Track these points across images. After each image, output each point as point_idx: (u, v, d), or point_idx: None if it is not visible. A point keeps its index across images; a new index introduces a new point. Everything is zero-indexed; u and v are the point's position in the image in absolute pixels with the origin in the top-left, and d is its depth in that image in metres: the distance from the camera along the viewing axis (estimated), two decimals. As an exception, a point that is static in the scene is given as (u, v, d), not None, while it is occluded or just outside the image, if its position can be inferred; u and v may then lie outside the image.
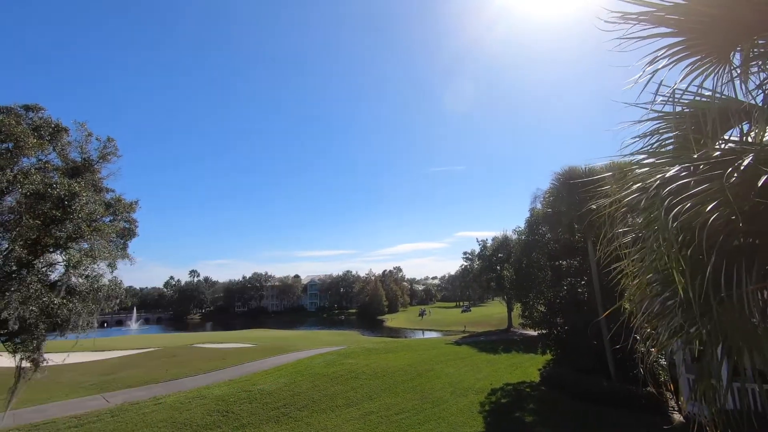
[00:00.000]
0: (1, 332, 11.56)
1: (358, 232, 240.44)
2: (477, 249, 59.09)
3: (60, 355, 14.38)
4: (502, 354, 31.02)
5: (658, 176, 2.77)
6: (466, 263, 71.97)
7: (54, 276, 12.25)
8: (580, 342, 19.86)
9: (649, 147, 3.38)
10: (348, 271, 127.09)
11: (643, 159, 3.34)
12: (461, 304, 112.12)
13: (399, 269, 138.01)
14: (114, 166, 13.78)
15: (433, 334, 57.80)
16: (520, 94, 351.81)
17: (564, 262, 22.91)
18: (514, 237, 46.26)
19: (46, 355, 12.76)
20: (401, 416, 16.29)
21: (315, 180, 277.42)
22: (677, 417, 15.00)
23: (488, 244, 54.39)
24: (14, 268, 10.86)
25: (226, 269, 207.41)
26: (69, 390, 20.92)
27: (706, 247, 2.20)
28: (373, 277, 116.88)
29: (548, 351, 22.95)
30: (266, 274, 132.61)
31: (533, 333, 33.04)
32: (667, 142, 3.37)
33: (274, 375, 22.26)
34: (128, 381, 22.21)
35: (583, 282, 21.56)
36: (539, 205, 23.24)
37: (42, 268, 11.84)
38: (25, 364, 12.41)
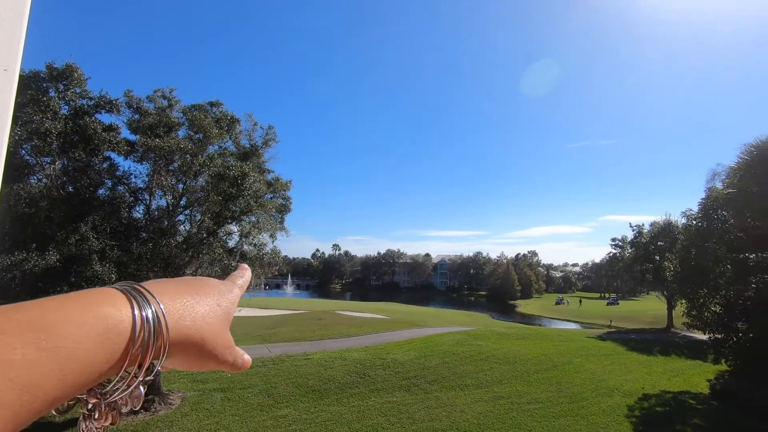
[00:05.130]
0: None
1: (489, 214, 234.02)
2: (630, 235, 51.92)
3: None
4: (658, 356, 27.09)
5: None
6: (614, 251, 64.46)
7: (230, 243, 14.82)
8: (774, 354, 16.13)
9: None
10: (478, 253, 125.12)
11: None
12: (607, 296, 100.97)
13: (534, 253, 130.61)
14: (273, 150, 15.79)
15: (572, 326, 53.35)
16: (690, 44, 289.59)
17: (752, 255, 18.63)
18: (681, 222, 39.20)
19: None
20: (533, 406, 15.57)
21: (445, 159, 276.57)
22: None
23: (645, 230, 47.48)
24: (204, 235, 13.45)
25: (362, 245, 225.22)
26: (242, 338, 25.39)
27: None
28: (504, 260, 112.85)
29: (723, 360, 19.18)
30: (398, 251, 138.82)
31: (701, 336, 28.05)
32: None
33: (406, 347, 23.35)
34: (284, 336, 25.92)
35: (782, 282, 17.31)
36: (719, 185, 19.05)
37: (222, 236, 14.40)
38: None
